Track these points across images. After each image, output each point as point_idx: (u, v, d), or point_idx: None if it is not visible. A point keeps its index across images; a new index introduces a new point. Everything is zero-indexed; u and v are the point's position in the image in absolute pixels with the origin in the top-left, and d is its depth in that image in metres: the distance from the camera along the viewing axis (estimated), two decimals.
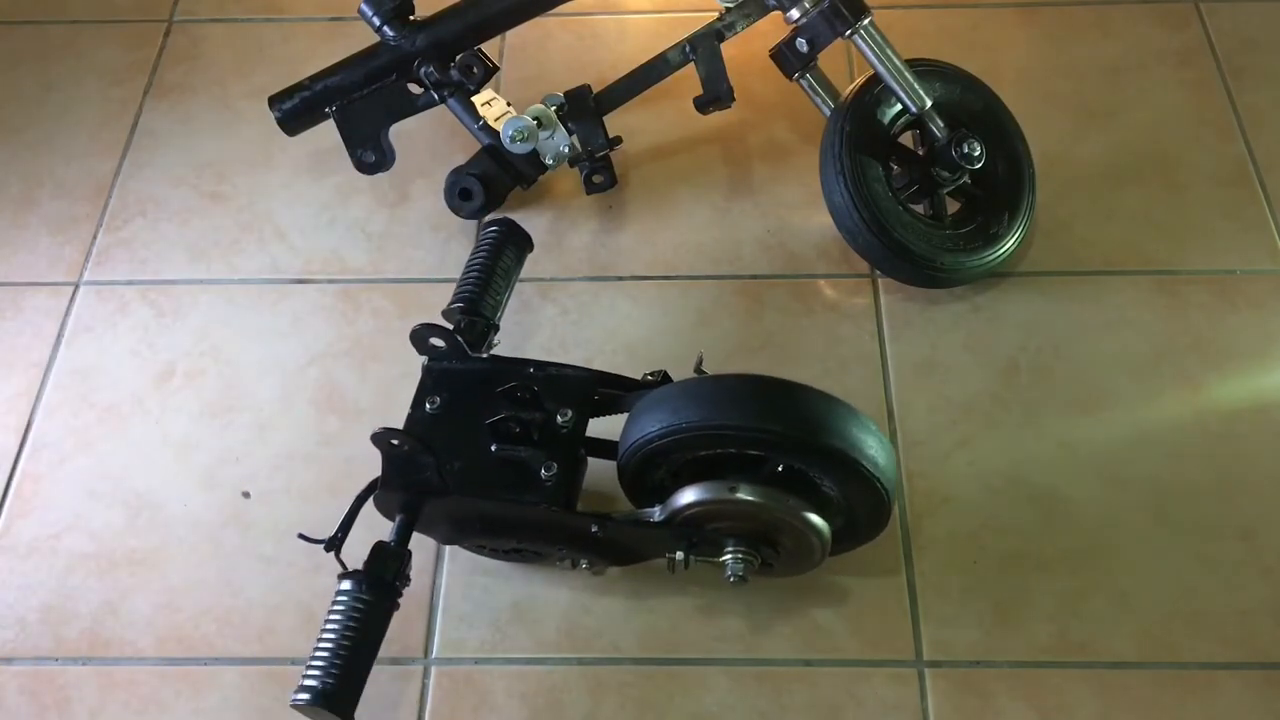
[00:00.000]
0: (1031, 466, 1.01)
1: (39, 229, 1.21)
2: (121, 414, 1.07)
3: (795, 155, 1.23)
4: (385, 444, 0.83)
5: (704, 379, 0.83)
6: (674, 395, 0.82)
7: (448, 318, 0.93)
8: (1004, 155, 1.11)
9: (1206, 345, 1.08)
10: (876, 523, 0.87)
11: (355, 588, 0.79)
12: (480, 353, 0.91)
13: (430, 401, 0.88)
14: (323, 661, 0.75)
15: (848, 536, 0.88)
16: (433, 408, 0.87)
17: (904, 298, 1.12)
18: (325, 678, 0.75)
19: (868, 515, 0.85)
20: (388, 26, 1.08)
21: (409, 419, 0.88)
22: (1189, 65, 1.30)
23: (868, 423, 0.81)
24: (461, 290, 0.95)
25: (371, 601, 0.78)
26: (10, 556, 0.99)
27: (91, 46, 1.37)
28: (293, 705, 0.75)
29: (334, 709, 0.74)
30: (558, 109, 1.11)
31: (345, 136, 1.11)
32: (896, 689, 0.91)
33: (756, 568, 0.86)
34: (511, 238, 1.00)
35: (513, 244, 1.00)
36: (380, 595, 0.79)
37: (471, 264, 0.98)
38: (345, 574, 0.80)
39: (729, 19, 1.08)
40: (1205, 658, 0.91)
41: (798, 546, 0.85)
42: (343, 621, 0.77)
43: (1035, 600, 0.94)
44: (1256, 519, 0.98)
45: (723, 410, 0.79)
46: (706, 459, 0.83)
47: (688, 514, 0.83)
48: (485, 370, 0.89)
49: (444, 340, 0.89)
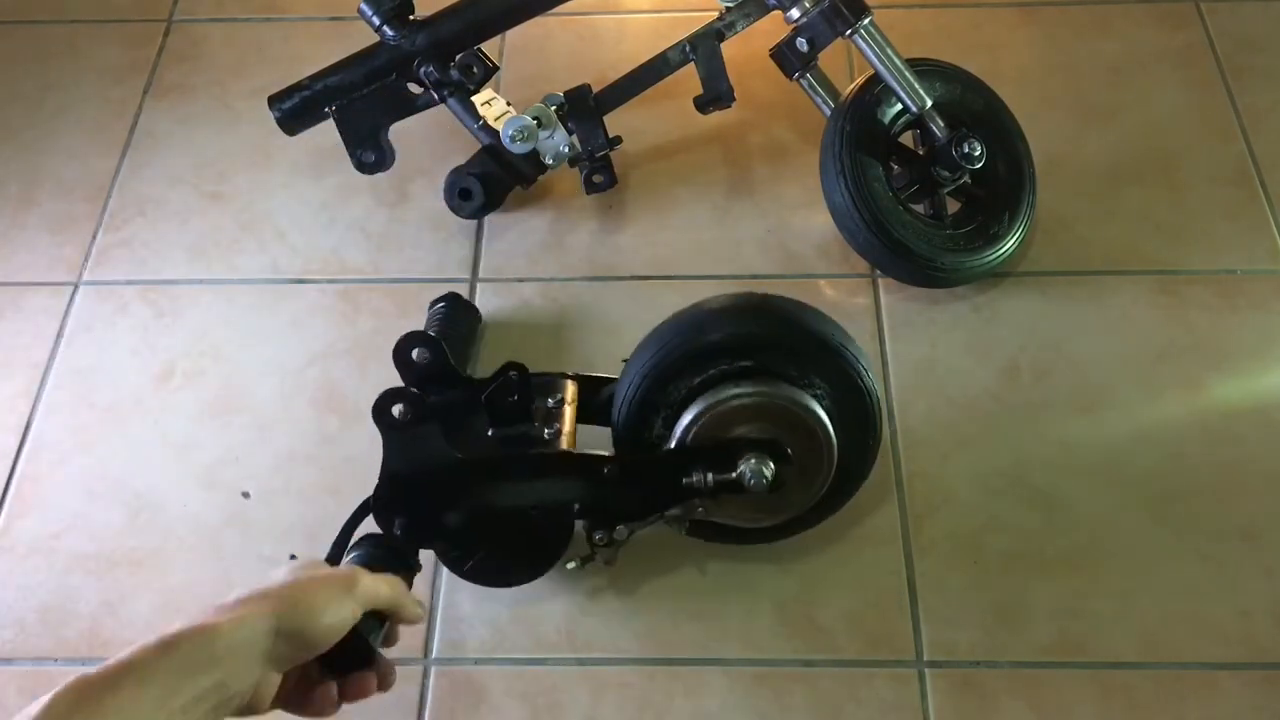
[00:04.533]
0: (1031, 466, 1.01)
1: (39, 229, 1.21)
2: (121, 414, 1.07)
3: (795, 155, 1.23)
4: (385, 414, 0.80)
5: (676, 312, 0.87)
6: (652, 335, 0.86)
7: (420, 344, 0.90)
8: (1004, 155, 1.11)
9: (1206, 345, 1.08)
10: (866, 432, 0.87)
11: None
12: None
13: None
14: None
15: (845, 455, 0.87)
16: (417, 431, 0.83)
17: (904, 298, 1.12)
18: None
19: (856, 421, 0.86)
20: (387, 26, 1.07)
21: (384, 472, 0.83)
22: (1189, 65, 1.30)
23: (842, 328, 0.87)
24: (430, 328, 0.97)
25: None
26: (10, 556, 0.99)
27: (91, 46, 1.37)
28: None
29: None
30: (558, 109, 1.11)
31: (345, 136, 1.11)
32: (896, 689, 0.91)
33: (771, 482, 0.82)
34: (461, 307, 1.06)
35: (463, 314, 1.06)
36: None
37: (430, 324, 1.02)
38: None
39: (729, 19, 1.08)
40: (1205, 658, 0.91)
41: (805, 448, 0.84)
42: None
43: (1035, 600, 0.94)
44: (1256, 519, 0.98)
45: (700, 326, 0.84)
46: (698, 391, 0.84)
47: (695, 430, 0.83)
48: (460, 396, 0.88)
49: (430, 350, 0.87)
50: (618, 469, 0.84)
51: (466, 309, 1.07)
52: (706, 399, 0.83)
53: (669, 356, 0.84)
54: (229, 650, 0.57)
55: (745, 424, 0.84)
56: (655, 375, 0.84)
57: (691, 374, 0.84)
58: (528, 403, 0.86)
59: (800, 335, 0.84)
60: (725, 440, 0.84)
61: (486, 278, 1.15)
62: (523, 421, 0.86)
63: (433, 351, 0.88)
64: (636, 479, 0.85)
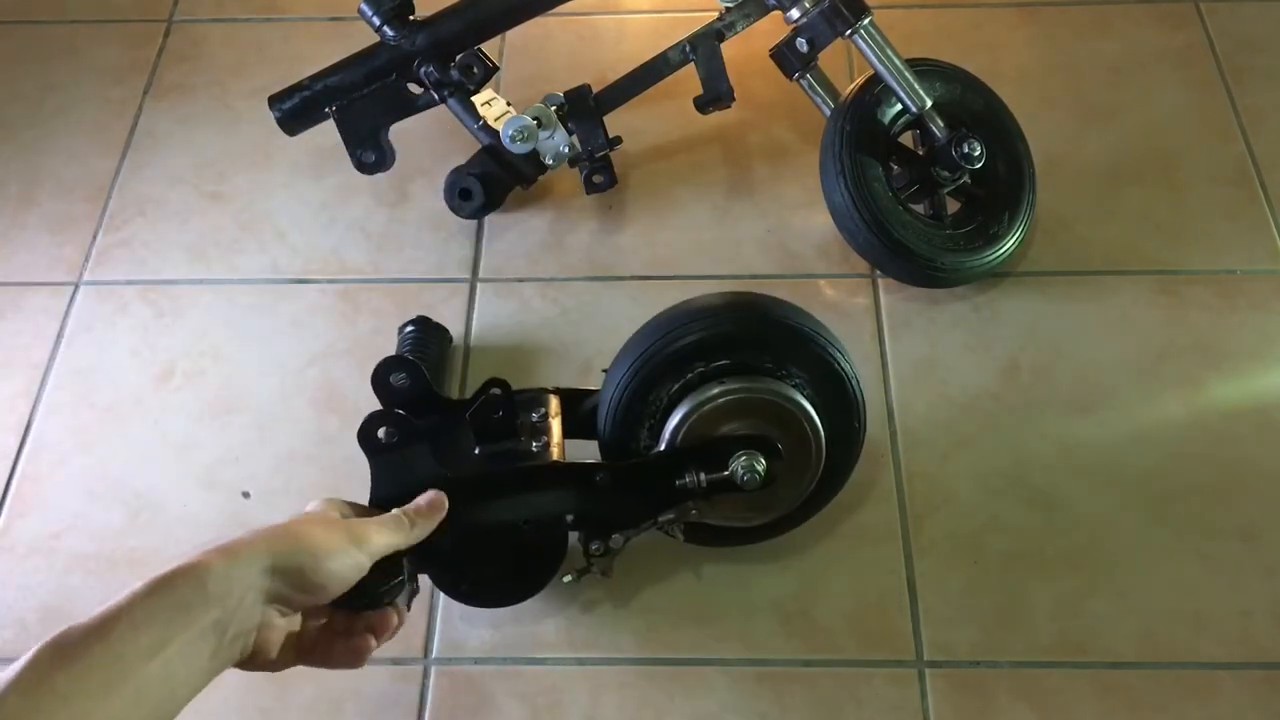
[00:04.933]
0: (1031, 466, 1.01)
1: (39, 229, 1.21)
2: (121, 414, 1.07)
3: (795, 155, 1.23)
4: (371, 438, 0.78)
5: (648, 320, 0.87)
6: (628, 345, 0.87)
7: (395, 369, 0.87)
8: (1004, 155, 1.11)
9: (1206, 345, 1.08)
10: (849, 417, 0.87)
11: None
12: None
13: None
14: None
15: (832, 446, 0.87)
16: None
17: (904, 298, 1.12)
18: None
19: (838, 406, 0.86)
20: (388, 26, 1.07)
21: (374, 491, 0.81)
22: (1189, 65, 1.30)
23: (813, 316, 0.87)
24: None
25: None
26: (10, 556, 0.99)
27: (91, 46, 1.37)
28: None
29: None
30: (558, 109, 1.11)
31: (345, 136, 1.11)
32: (896, 689, 0.91)
33: (764, 477, 0.83)
34: (432, 329, 1.06)
35: (434, 336, 1.06)
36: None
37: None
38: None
39: (729, 19, 1.08)
40: (1205, 658, 0.91)
41: (792, 439, 0.84)
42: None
43: (1035, 600, 0.94)
44: (1256, 519, 0.98)
45: (674, 330, 0.84)
46: (680, 395, 0.85)
47: (683, 433, 0.84)
48: (443, 418, 0.86)
49: (408, 374, 0.85)
50: (609, 476, 0.83)
51: (437, 331, 1.07)
52: (690, 400, 0.83)
53: (647, 364, 0.84)
54: (224, 587, 0.54)
55: (731, 421, 0.84)
56: (636, 384, 0.84)
57: (671, 379, 0.84)
58: (512, 418, 0.85)
59: (772, 327, 0.85)
60: (714, 439, 0.84)
61: (486, 278, 1.15)
62: (509, 438, 0.85)
63: (411, 375, 0.86)
64: (629, 485, 0.85)
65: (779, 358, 0.84)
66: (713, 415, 0.83)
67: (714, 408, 0.83)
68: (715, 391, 0.83)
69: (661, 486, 0.85)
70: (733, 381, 0.83)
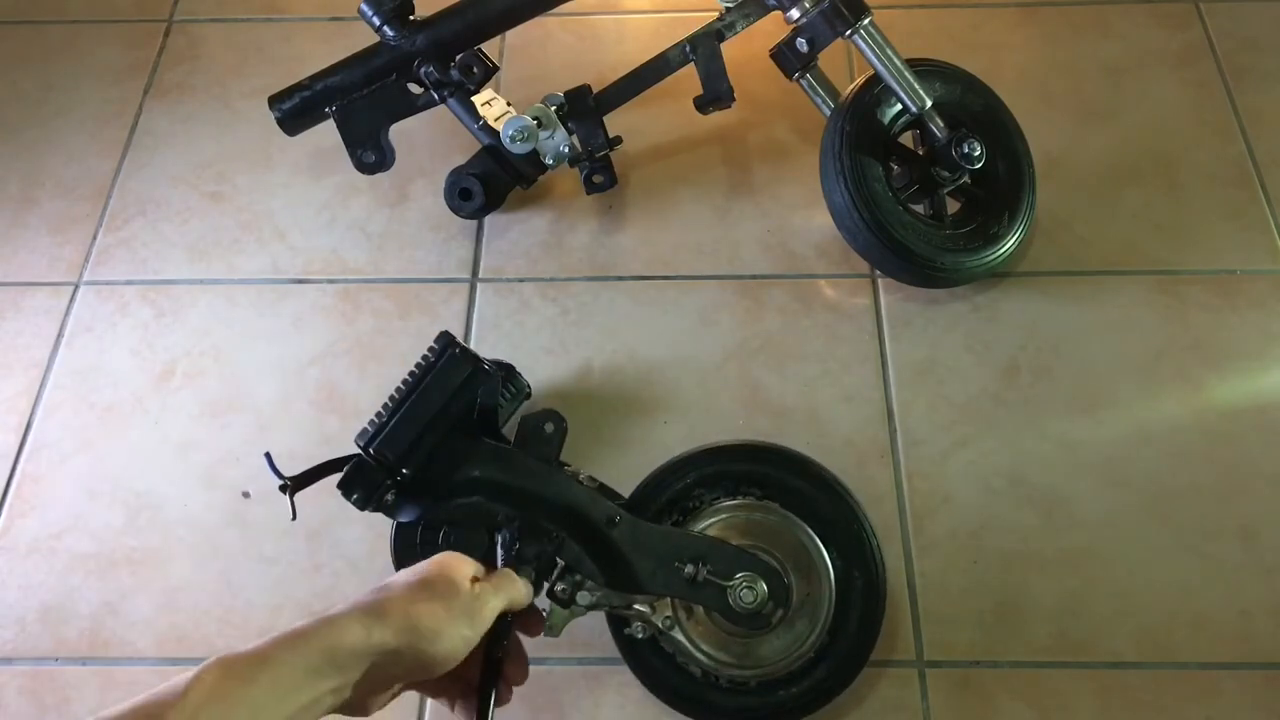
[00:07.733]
0: (1031, 466, 1.01)
1: (39, 229, 1.21)
2: (121, 414, 1.07)
3: (795, 155, 1.23)
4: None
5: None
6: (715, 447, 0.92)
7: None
8: (1004, 155, 1.11)
9: (1206, 345, 1.08)
10: (869, 607, 0.88)
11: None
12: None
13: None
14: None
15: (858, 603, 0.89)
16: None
17: (904, 298, 1.12)
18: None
19: (862, 594, 0.88)
20: (388, 26, 1.07)
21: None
22: (1189, 65, 1.30)
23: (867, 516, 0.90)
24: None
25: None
26: (10, 556, 0.99)
27: (91, 46, 1.37)
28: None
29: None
30: (558, 109, 1.11)
31: (345, 136, 1.11)
32: (896, 689, 0.91)
33: (756, 603, 0.82)
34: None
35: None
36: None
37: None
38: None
39: (729, 19, 1.08)
40: (1205, 658, 0.91)
41: (803, 591, 0.87)
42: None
43: (1035, 600, 0.94)
44: (1256, 519, 0.98)
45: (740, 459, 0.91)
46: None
47: (711, 529, 0.88)
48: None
49: (554, 423, 0.82)
50: (629, 522, 0.80)
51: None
52: (731, 503, 0.89)
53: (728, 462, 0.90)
54: (353, 660, 0.59)
55: (757, 540, 0.88)
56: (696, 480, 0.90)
57: (726, 488, 0.90)
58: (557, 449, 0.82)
59: (834, 504, 0.89)
60: (736, 546, 0.84)
61: (486, 278, 1.15)
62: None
63: (555, 423, 0.83)
64: (636, 539, 0.80)
65: (825, 528, 0.89)
66: (744, 527, 0.88)
67: (749, 521, 0.88)
68: (756, 506, 0.88)
69: (665, 557, 0.81)
70: (778, 510, 0.89)
